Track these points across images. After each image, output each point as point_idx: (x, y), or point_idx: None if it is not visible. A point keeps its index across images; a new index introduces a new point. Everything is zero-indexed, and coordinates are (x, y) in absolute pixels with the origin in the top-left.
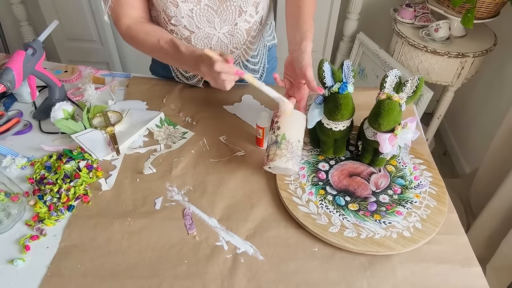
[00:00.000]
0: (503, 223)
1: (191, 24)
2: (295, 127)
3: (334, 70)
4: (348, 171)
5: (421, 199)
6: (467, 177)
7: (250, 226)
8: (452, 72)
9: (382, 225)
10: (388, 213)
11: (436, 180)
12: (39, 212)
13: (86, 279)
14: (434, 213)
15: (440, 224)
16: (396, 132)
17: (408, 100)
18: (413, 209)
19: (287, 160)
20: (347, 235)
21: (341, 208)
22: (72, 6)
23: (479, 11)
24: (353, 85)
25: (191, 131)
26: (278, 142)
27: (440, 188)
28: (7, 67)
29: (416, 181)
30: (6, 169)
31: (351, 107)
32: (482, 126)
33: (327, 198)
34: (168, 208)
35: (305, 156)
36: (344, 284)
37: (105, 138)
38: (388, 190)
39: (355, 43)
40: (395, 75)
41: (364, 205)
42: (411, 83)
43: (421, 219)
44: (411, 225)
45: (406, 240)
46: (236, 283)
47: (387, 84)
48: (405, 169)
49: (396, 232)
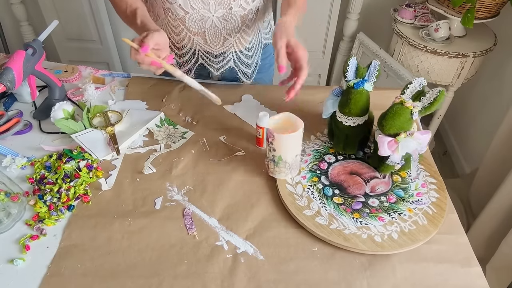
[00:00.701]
0: (503, 223)
1: (186, 4)
2: (290, 147)
3: (359, 66)
4: (351, 169)
5: (412, 214)
6: (467, 177)
7: (250, 226)
8: (452, 72)
9: (357, 223)
10: (370, 216)
11: (440, 202)
12: (39, 212)
13: (86, 279)
14: (419, 231)
15: (417, 243)
16: (398, 138)
17: (423, 110)
18: (397, 220)
19: (286, 174)
20: (318, 221)
21: (325, 198)
22: (72, 6)
23: (479, 11)
24: (374, 85)
25: (191, 131)
26: (275, 162)
27: (440, 212)
28: (7, 67)
29: (417, 197)
30: (6, 169)
31: (362, 105)
32: (482, 126)
33: (317, 186)
34: (168, 208)
35: (316, 145)
36: (344, 284)
37: (105, 138)
38: (382, 196)
39: (355, 43)
40: (419, 83)
41: (350, 202)
42: (431, 94)
43: (401, 231)
44: (387, 233)
45: (374, 244)
46: (236, 283)
47: (408, 90)
48: (411, 183)
49: (367, 234)
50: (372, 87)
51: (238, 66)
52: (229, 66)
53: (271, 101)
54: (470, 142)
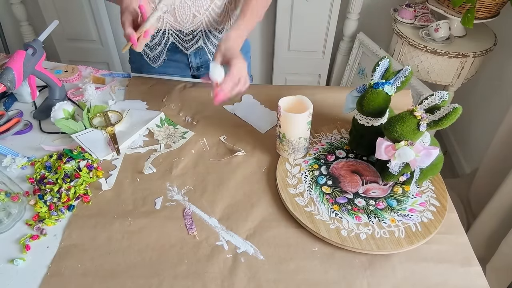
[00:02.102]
0: (503, 223)
1: None
2: (294, 127)
3: (389, 69)
4: (356, 168)
5: (393, 225)
6: (467, 177)
7: (250, 226)
8: (452, 72)
9: (331, 214)
10: (349, 212)
11: (430, 226)
12: (39, 211)
13: (86, 279)
14: (390, 241)
15: (382, 251)
16: (397, 145)
17: (432, 124)
18: (374, 225)
19: (289, 154)
20: (297, 200)
21: (315, 184)
22: (72, 6)
23: (479, 11)
24: (396, 89)
25: (191, 131)
26: (280, 138)
27: (425, 231)
28: (7, 67)
29: (409, 212)
30: (7, 169)
31: (377, 106)
32: (482, 126)
33: (313, 172)
34: (168, 207)
35: (333, 139)
36: (344, 283)
37: (105, 138)
38: (372, 200)
39: (355, 43)
40: (440, 97)
41: (336, 194)
42: (444, 109)
43: (371, 235)
44: (355, 231)
45: (337, 236)
46: (236, 283)
47: (426, 102)
48: (410, 199)
49: (336, 226)
50: (393, 91)
51: (208, 47)
52: (199, 45)
53: (271, 101)
54: (470, 142)
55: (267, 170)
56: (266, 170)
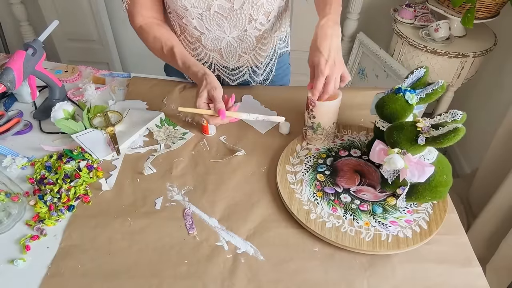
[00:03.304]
0: (503, 223)
1: (201, 26)
2: (329, 115)
3: (422, 79)
4: (361, 168)
5: (364, 228)
6: (467, 177)
7: (250, 226)
8: (452, 72)
9: (311, 197)
10: (328, 202)
11: (403, 244)
12: (39, 212)
13: (86, 279)
14: (351, 240)
15: (340, 243)
16: (389, 150)
17: (431, 140)
18: (346, 221)
19: (322, 141)
20: (288, 177)
21: (312, 170)
22: (72, 6)
23: (479, 11)
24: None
25: (191, 131)
26: (314, 128)
27: (393, 245)
28: (7, 67)
29: (390, 223)
30: (7, 169)
31: (393, 111)
32: (482, 126)
33: (318, 160)
34: (169, 208)
35: (356, 139)
36: (344, 284)
37: (105, 138)
38: (358, 200)
39: (355, 43)
40: (453, 115)
41: (327, 184)
42: (446, 128)
43: (336, 227)
44: (323, 219)
45: (306, 217)
46: (237, 283)
47: (438, 117)
48: (398, 212)
49: (308, 208)
50: (415, 101)
51: (253, 78)
52: (245, 78)
53: (271, 101)
54: (470, 142)
55: (267, 170)
56: (266, 170)
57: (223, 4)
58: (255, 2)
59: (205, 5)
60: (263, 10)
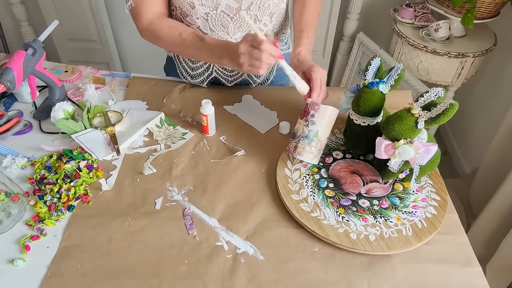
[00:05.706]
0: (503, 223)
1: (205, 26)
2: (329, 125)
3: (381, 68)
4: (355, 168)
5: (399, 223)
6: (467, 177)
7: (250, 226)
8: (452, 72)
9: (338, 217)
10: (355, 214)
11: (435, 220)
12: (39, 212)
13: (86, 279)
14: (399, 240)
15: (392, 251)
16: (396, 143)
17: (429, 121)
18: (381, 225)
19: (314, 156)
20: (301, 206)
21: (317, 188)
22: (72, 6)
23: (479, 11)
24: (390, 87)
25: (191, 131)
26: (309, 138)
27: (430, 227)
28: (7, 67)
29: (412, 208)
30: (7, 169)
31: (373, 106)
32: (482, 126)
33: (314, 176)
34: (168, 208)
35: (329, 141)
36: (344, 284)
37: (105, 138)
38: (375, 200)
39: (355, 43)
40: (436, 93)
41: (340, 197)
42: (441, 106)
43: (380, 235)
44: (364, 233)
45: (347, 239)
46: (237, 283)
47: (422, 99)
48: (411, 195)
49: (344, 229)
50: (388, 90)
51: (252, 78)
52: (243, 78)
53: (271, 101)
54: (470, 142)
55: (267, 170)
56: (266, 170)
57: (231, 3)
58: (263, 3)
59: (213, 4)
60: (268, 11)
